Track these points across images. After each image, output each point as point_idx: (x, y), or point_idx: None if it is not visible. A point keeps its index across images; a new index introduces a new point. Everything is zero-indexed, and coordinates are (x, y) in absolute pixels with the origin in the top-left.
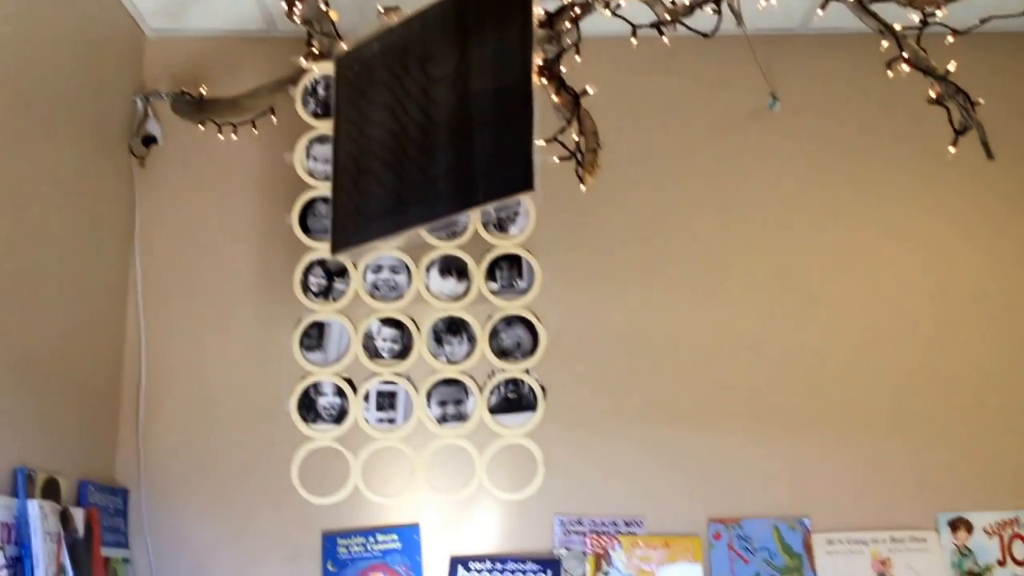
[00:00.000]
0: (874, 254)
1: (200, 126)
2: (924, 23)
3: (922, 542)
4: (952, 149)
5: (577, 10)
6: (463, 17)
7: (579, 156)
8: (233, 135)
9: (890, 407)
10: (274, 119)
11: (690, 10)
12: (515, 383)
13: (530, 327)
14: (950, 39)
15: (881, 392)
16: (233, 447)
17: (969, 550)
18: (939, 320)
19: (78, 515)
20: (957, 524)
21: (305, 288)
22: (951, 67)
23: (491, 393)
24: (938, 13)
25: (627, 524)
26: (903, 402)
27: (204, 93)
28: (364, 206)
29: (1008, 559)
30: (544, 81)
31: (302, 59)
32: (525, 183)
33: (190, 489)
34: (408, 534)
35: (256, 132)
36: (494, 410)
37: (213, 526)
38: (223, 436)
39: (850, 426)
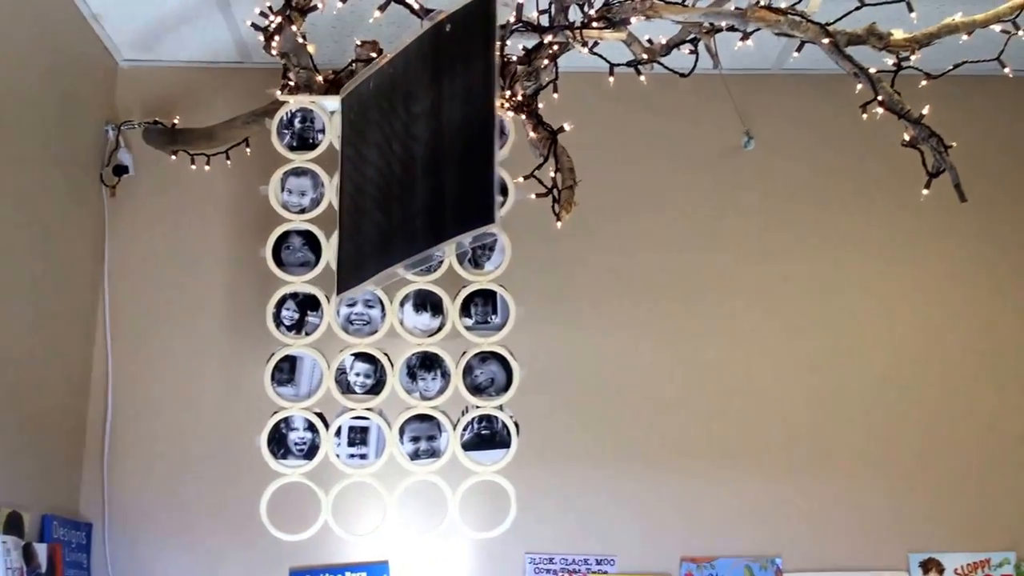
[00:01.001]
0: (849, 293)
1: (172, 156)
2: (898, 66)
3: None
4: (925, 191)
5: (555, 47)
6: (437, 52)
7: (555, 193)
8: (206, 166)
9: (863, 447)
10: (248, 150)
11: (667, 49)
12: (488, 419)
13: (504, 363)
14: (924, 83)
15: (854, 432)
16: (201, 482)
17: None
18: (914, 362)
19: (41, 551)
20: (928, 565)
21: (277, 321)
22: (925, 111)
23: (464, 429)
24: (912, 57)
25: (599, 562)
26: (876, 442)
27: (176, 123)
28: (361, 245)
29: None
30: (522, 117)
31: (278, 91)
32: (485, 216)
33: (156, 524)
34: (377, 572)
35: (229, 163)
36: (467, 446)
37: (179, 562)
38: (190, 470)
39: (822, 466)
